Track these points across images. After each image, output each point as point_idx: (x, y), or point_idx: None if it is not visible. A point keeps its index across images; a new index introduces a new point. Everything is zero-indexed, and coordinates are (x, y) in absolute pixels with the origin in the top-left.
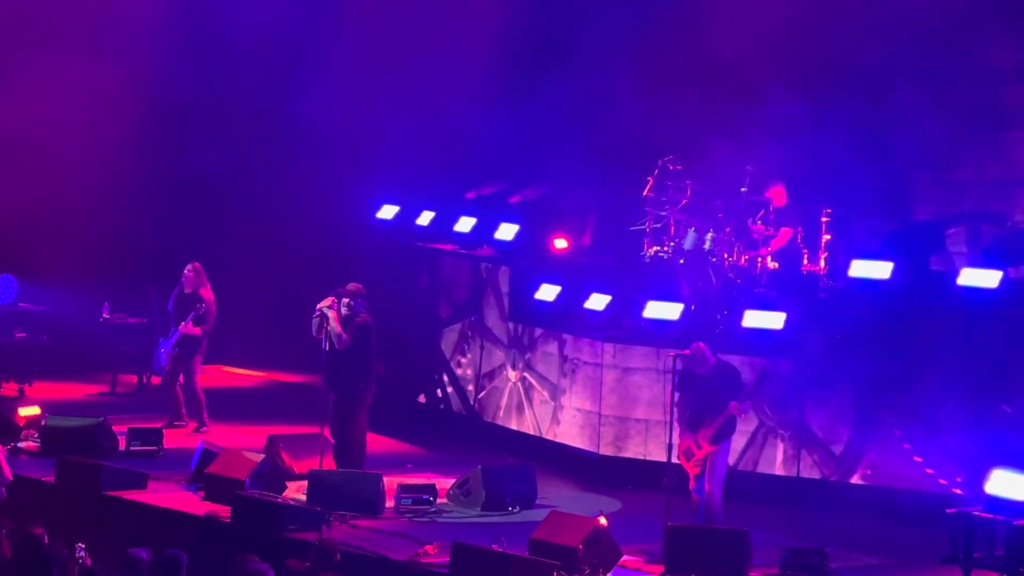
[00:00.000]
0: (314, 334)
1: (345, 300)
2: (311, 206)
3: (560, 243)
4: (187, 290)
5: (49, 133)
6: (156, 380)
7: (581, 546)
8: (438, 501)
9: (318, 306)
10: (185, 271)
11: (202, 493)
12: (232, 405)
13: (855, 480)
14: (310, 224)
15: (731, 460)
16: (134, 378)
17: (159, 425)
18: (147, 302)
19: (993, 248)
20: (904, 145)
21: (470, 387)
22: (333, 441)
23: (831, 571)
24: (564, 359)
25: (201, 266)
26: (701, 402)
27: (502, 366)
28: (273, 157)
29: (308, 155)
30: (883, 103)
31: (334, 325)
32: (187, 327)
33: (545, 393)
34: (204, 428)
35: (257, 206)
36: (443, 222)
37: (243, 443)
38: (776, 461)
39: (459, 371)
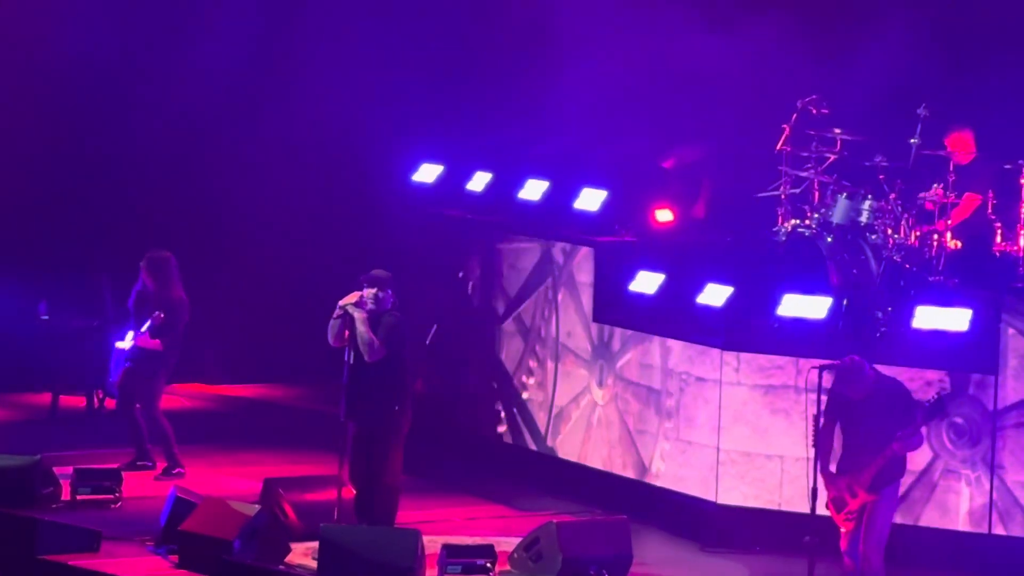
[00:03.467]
0: (332, 342)
1: (370, 292)
2: (317, 167)
3: (664, 215)
4: (150, 287)
5: None
6: (111, 403)
7: None
8: (498, 568)
9: (340, 303)
10: (142, 263)
11: (175, 558)
12: (214, 437)
13: None
14: (314, 192)
15: (896, 511)
16: (82, 400)
17: (116, 466)
18: (100, 298)
19: None
20: None
21: (540, 412)
22: (354, 486)
23: None
24: (669, 374)
25: (169, 256)
26: (857, 433)
27: (584, 384)
28: (265, 103)
29: (312, 100)
30: None
31: (363, 330)
32: (143, 339)
33: (643, 420)
34: (177, 469)
35: (243, 167)
36: (503, 187)
37: (230, 489)
38: (959, 512)
39: (525, 391)
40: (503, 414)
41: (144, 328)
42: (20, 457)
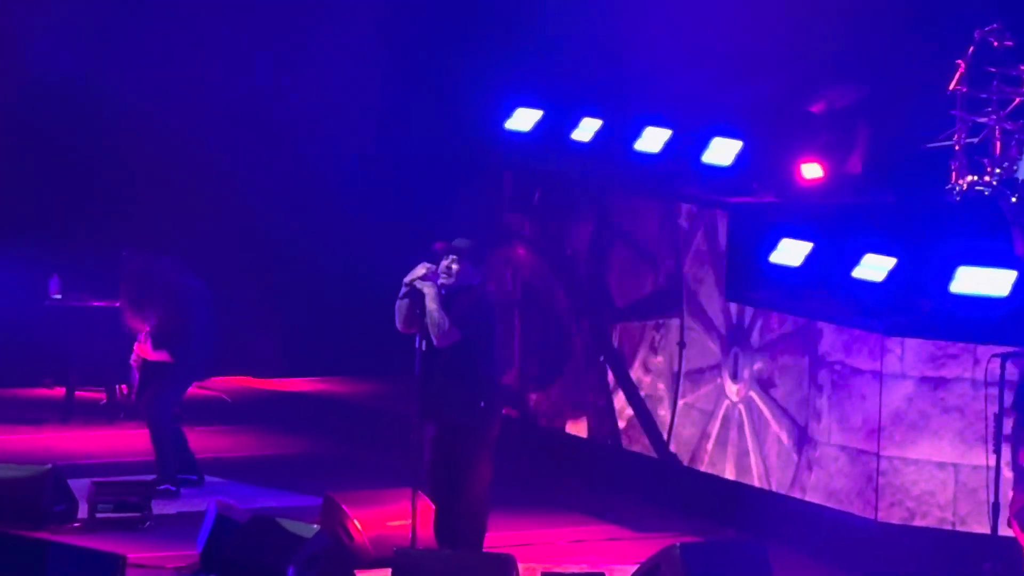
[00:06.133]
0: (400, 327)
1: (448, 262)
2: (386, 113)
3: (812, 171)
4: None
5: None
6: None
7: None
8: None
9: (406, 279)
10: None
11: None
12: (264, 441)
13: None
14: (383, 144)
15: None
16: (102, 395)
17: (146, 478)
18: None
19: None
20: None
21: (661, 411)
22: (433, 502)
23: None
24: (819, 364)
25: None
26: None
27: (716, 376)
28: (316, 48)
29: (376, 31)
30: None
31: (433, 307)
32: (145, 349)
33: (787, 421)
34: (165, 485)
35: (290, 122)
36: (616, 136)
37: (282, 505)
38: None
39: (642, 385)
40: (615, 414)
41: (143, 337)
42: (28, 467)
